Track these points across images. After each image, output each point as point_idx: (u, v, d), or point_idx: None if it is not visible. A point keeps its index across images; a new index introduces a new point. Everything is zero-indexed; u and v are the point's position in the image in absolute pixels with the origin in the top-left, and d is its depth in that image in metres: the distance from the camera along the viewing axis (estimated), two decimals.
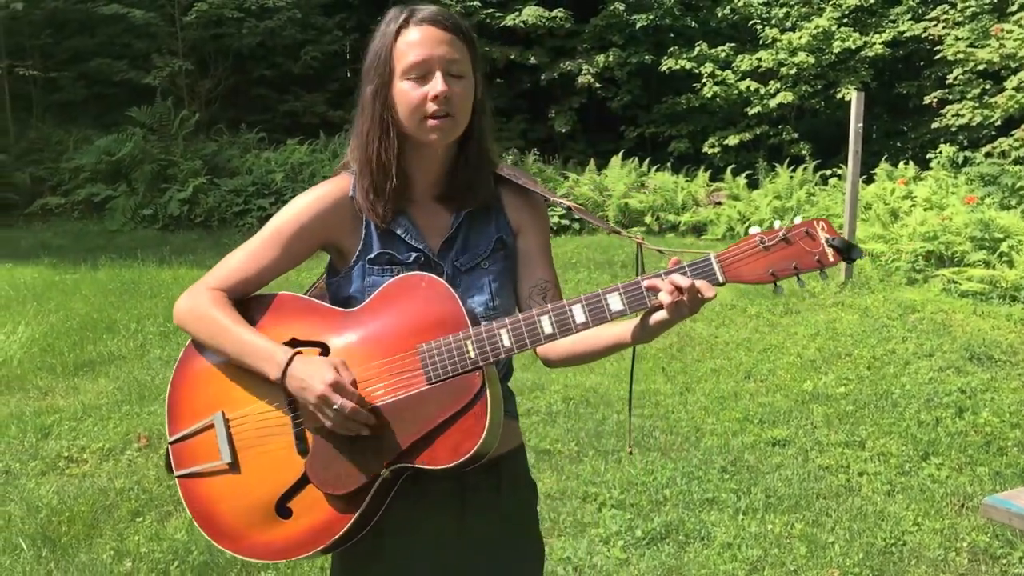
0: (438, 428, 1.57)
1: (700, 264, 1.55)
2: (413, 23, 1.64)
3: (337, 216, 1.71)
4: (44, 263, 10.06)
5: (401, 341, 1.61)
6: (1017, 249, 8.09)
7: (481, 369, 1.58)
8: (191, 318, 1.69)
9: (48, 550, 3.71)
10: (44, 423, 5.11)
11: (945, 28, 13.36)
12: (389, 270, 1.69)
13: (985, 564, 3.62)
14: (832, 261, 1.53)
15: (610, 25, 15.63)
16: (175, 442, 1.72)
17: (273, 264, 1.71)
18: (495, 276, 1.75)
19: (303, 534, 1.62)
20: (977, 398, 5.37)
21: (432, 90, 1.61)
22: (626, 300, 1.57)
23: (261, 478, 1.65)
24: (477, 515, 1.77)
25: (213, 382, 1.70)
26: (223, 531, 1.67)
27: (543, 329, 1.58)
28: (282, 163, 13.25)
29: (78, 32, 15.91)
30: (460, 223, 1.74)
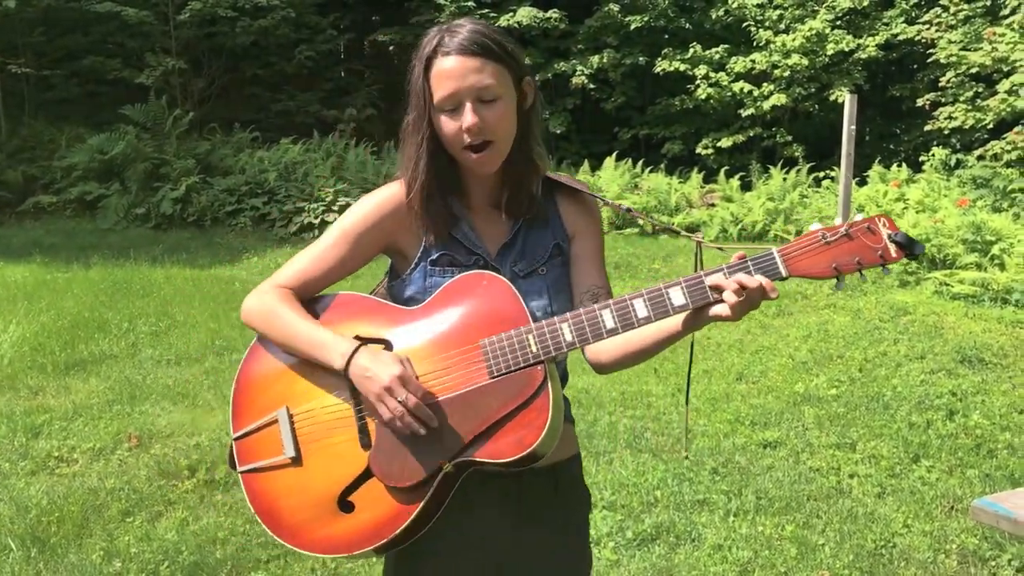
0: (500, 421, 1.58)
1: (763, 259, 1.57)
2: (442, 52, 1.64)
3: (400, 219, 1.74)
4: (36, 262, 10.03)
5: (463, 336, 1.63)
6: (1009, 252, 8.12)
7: (543, 363, 1.59)
8: (258, 315, 1.73)
9: (37, 550, 3.70)
10: (34, 423, 5.09)
11: (938, 31, 13.40)
12: (450, 271, 1.72)
13: (974, 566, 3.63)
14: (895, 257, 1.55)
15: (604, 26, 15.63)
16: (239, 438, 1.74)
17: (338, 266, 1.76)
18: (552, 281, 1.78)
19: (365, 528, 1.63)
20: (968, 401, 5.38)
21: (463, 123, 1.63)
22: (688, 294, 1.58)
23: (324, 472, 1.66)
24: (533, 516, 1.79)
25: (278, 379, 1.73)
26: (285, 526, 1.68)
27: (605, 323, 1.59)
28: (275, 162, 13.22)
29: (71, 30, 15.85)
30: (518, 229, 1.78)
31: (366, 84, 18.17)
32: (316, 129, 15.32)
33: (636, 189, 12.96)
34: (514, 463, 1.58)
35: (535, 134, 1.76)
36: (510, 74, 1.68)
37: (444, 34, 1.65)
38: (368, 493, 1.63)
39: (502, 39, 1.68)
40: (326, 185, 12.24)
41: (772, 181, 12.66)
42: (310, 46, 16.76)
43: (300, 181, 12.64)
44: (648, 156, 15.03)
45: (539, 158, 1.78)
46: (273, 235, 11.79)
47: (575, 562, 1.88)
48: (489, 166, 1.69)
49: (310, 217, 11.79)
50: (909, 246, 1.53)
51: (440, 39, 1.65)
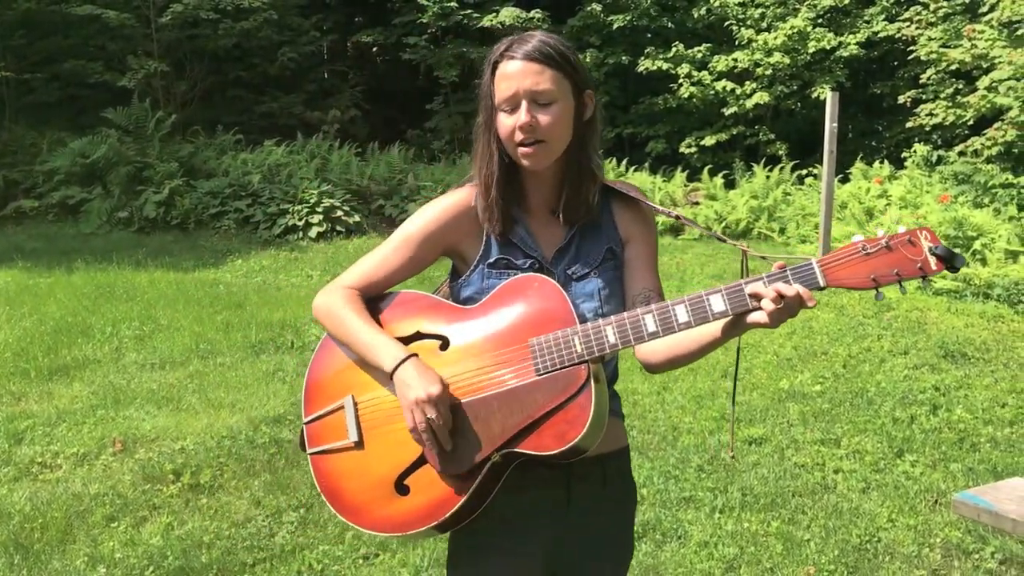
0: (545, 416, 1.67)
1: (802, 268, 1.61)
2: (507, 57, 1.77)
3: (461, 225, 1.87)
4: (17, 266, 9.95)
5: (514, 335, 1.74)
6: (990, 247, 8.18)
7: (587, 363, 1.67)
8: (325, 314, 1.86)
9: (21, 557, 3.68)
10: (17, 428, 5.05)
11: (918, 29, 13.48)
12: (506, 274, 1.82)
13: (958, 560, 3.66)
14: (935, 269, 1.57)
15: (587, 26, 15.66)
16: (309, 422, 1.88)
17: (401, 268, 1.88)
18: (604, 284, 1.86)
19: (419, 510, 1.74)
20: (951, 395, 5.42)
21: (518, 121, 1.75)
22: (728, 301, 1.63)
23: (383, 457, 1.79)
24: (581, 504, 1.88)
25: (346, 370, 1.86)
26: (347, 506, 1.81)
27: (647, 327, 1.67)
28: (259, 164, 13.17)
29: (51, 33, 15.74)
30: (573, 235, 1.87)
31: (349, 85, 18.15)
32: (300, 131, 15.28)
33: None
34: (557, 456, 1.66)
35: (593, 144, 1.86)
36: (570, 84, 1.79)
37: (514, 42, 1.78)
38: (422, 478, 1.74)
39: (567, 51, 1.79)
40: (310, 187, 12.20)
41: (755, 179, 12.71)
42: (293, 48, 16.71)
43: (284, 183, 12.60)
44: (632, 155, 15.07)
45: (597, 168, 1.87)
46: (257, 237, 11.74)
47: (620, 553, 1.97)
48: (537, 163, 1.79)
49: (294, 219, 11.75)
50: (950, 259, 1.55)
51: (509, 45, 1.78)
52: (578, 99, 1.81)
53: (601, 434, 1.69)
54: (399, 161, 13.99)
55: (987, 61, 11.88)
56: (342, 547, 3.78)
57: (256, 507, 4.13)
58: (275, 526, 3.97)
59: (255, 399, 5.54)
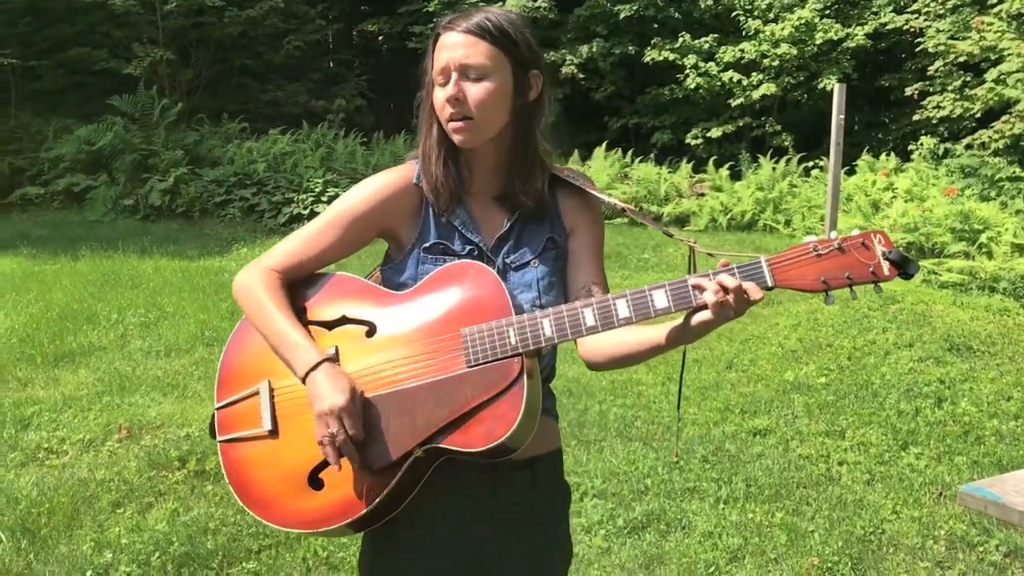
0: (473, 411, 1.58)
1: (750, 267, 1.55)
2: (443, 30, 1.70)
3: (398, 204, 1.75)
4: (23, 253, 9.97)
5: (446, 324, 1.64)
6: (996, 240, 8.16)
7: (520, 356, 1.58)
8: (244, 296, 1.74)
9: (28, 541, 3.69)
10: (24, 414, 5.07)
11: (926, 20, 13.43)
12: (442, 260, 1.72)
13: (962, 552, 3.66)
14: (888, 275, 1.51)
15: (593, 16, 15.62)
16: (221, 408, 1.76)
17: (331, 248, 1.75)
18: (544, 275, 1.76)
19: (333, 506, 1.64)
20: (956, 388, 5.42)
21: (445, 93, 1.67)
22: (671, 297, 1.56)
23: (298, 448, 1.67)
24: (509, 510, 1.78)
25: (263, 353, 1.74)
26: (256, 498, 1.70)
27: (585, 321, 1.58)
28: (264, 153, 13.17)
29: (57, 20, 15.72)
30: (514, 222, 1.77)
31: (355, 74, 18.12)
32: (305, 120, 15.26)
33: (626, 179, 12.97)
34: (483, 454, 1.57)
35: (535, 128, 1.75)
36: (509, 60, 1.69)
37: (459, 15, 1.70)
38: (338, 472, 1.63)
39: (512, 28, 1.69)
40: (315, 176, 12.20)
41: (761, 171, 12.69)
42: (298, 36, 16.69)
43: (289, 172, 12.60)
44: (638, 146, 15.04)
45: (544, 153, 1.77)
46: (262, 226, 11.75)
47: (549, 556, 1.87)
48: (465, 140, 1.70)
49: (299, 208, 11.76)
50: (904, 265, 1.50)
51: (453, 18, 1.70)
52: (520, 78, 1.71)
53: (531, 434, 1.60)
54: (404, 150, 13.97)
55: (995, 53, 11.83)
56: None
57: None
58: None
59: None
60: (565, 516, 1.92)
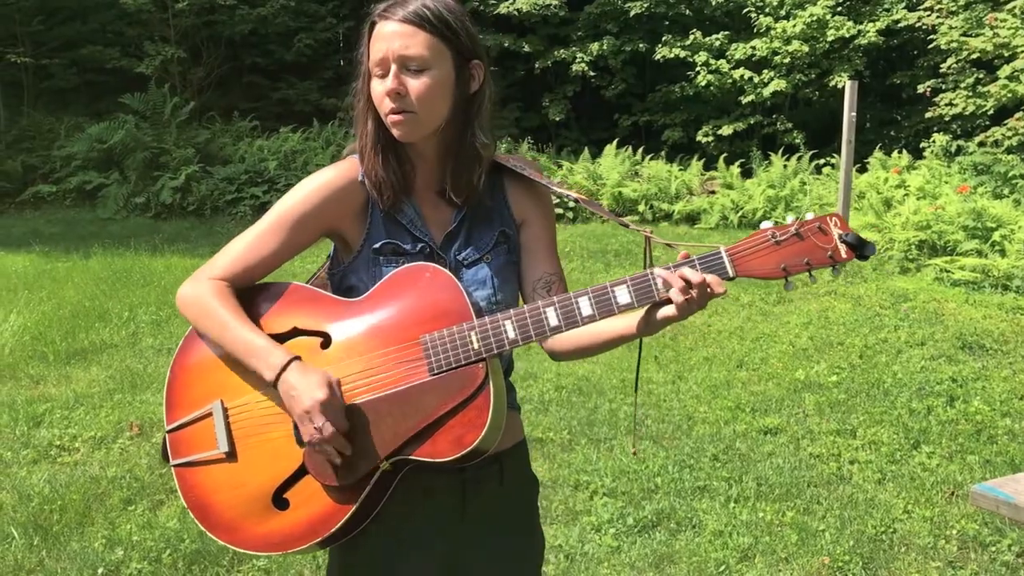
0: (440, 420, 1.54)
1: (710, 258, 1.54)
2: (379, 18, 1.61)
3: (342, 203, 1.68)
4: (36, 251, 10.03)
5: (404, 331, 1.58)
6: (1009, 238, 8.11)
7: (485, 361, 1.55)
8: (192, 307, 1.65)
9: (40, 538, 3.71)
10: (36, 412, 5.10)
11: (939, 17, 13.34)
12: (394, 260, 1.66)
13: (974, 552, 3.64)
14: (845, 257, 1.52)
15: (604, 13, 15.58)
16: (172, 431, 1.68)
17: (277, 252, 1.68)
18: (497, 270, 1.72)
19: (300, 526, 1.59)
20: (968, 387, 5.39)
21: (385, 86, 1.60)
22: (634, 293, 1.55)
23: (258, 468, 1.61)
24: (478, 509, 1.74)
25: (213, 370, 1.67)
26: (218, 522, 1.64)
27: (549, 321, 1.56)
28: (275, 151, 13.22)
29: (69, 19, 15.81)
30: (462, 218, 1.72)
31: None
32: (315, 117, 15.30)
33: (636, 177, 12.95)
34: (453, 462, 1.55)
35: (480, 121, 1.69)
36: (450, 51, 1.62)
37: (396, 1, 1.61)
38: (304, 490, 1.59)
39: (451, 17, 1.62)
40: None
41: (772, 168, 12.64)
42: (309, 34, 16.72)
43: (300, 170, 12.63)
44: (648, 143, 15.01)
45: (483, 147, 1.70)
46: None
47: (522, 550, 1.85)
48: (406, 134, 1.63)
49: None
50: (860, 247, 1.51)
51: (388, 6, 1.61)
52: (461, 69, 1.64)
53: (500, 434, 1.57)
54: None
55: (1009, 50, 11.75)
56: None
57: None
58: None
59: None
60: (535, 507, 1.89)
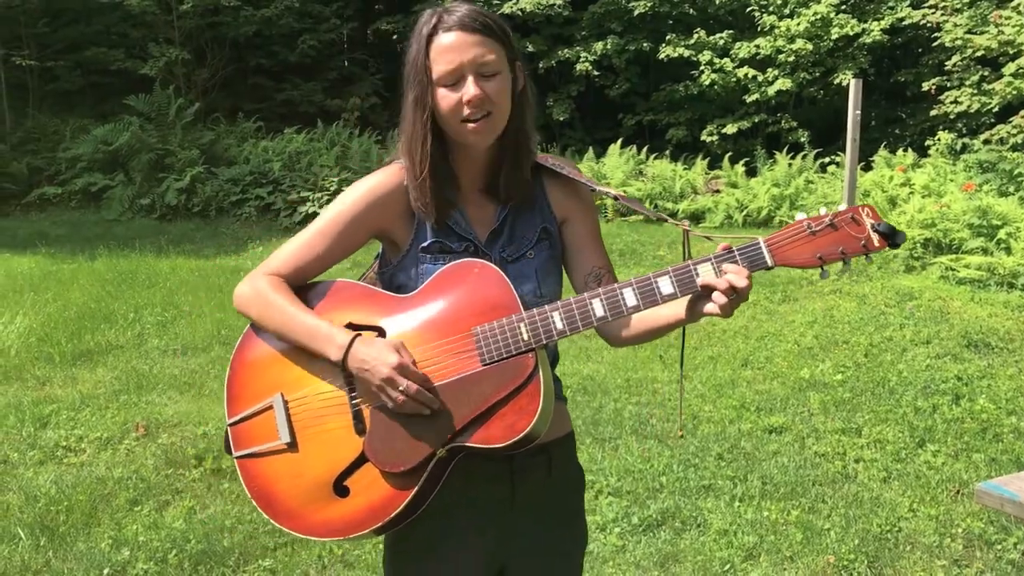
0: (492, 408, 1.61)
1: (749, 248, 1.60)
2: (443, 29, 1.66)
3: (390, 206, 1.76)
4: (41, 253, 10.05)
5: (456, 324, 1.65)
6: (1015, 236, 8.09)
7: (534, 351, 1.62)
8: (252, 302, 1.74)
9: (46, 539, 3.72)
10: (42, 413, 5.11)
11: (943, 15, 13.31)
12: (441, 259, 1.73)
13: (980, 550, 3.63)
14: (878, 246, 1.58)
15: (608, 12, 15.57)
16: (234, 424, 1.76)
17: (328, 253, 1.76)
18: (540, 265, 1.79)
19: (360, 512, 1.65)
20: (974, 385, 5.38)
21: (465, 95, 1.64)
22: (676, 283, 1.62)
23: (319, 457, 1.68)
24: (526, 498, 1.81)
25: (272, 364, 1.75)
26: (282, 510, 1.71)
27: (595, 312, 1.63)
28: (280, 152, 13.22)
29: (74, 21, 15.85)
30: (505, 215, 1.79)
31: (370, 73, 18.15)
32: (320, 118, 15.31)
33: (640, 176, 12.94)
34: (506, 448, 1.61)
35: (527, 117, 1.78)
36: (506, 54, 1.70)
37: (442, 13, 1.67)
38: (363, 478, 1.66)
39: (499, 19, 1.70)
40: (330, 175, 12.23)
41: (777, 167, 12.61)
42: (313, 35, 16.74)
43: (304, 171, 12.64)
44: (652, 143, 14.99)
45: (534, 143, 1.80)
46: (278, 225, 11.80)
47: (571, 540, 1.92)
48: (484, 138, 1.70)
49: (315, 207, 11.78)
50: (891, 236, 1.57)
51: (439, 18, 1.67)
52: (513, 70, 1.73)
53: (548, 422, 1.65)
54: None
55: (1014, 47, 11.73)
56: None
57: None
58: None
59: None
60: (581, 497, 1.97)
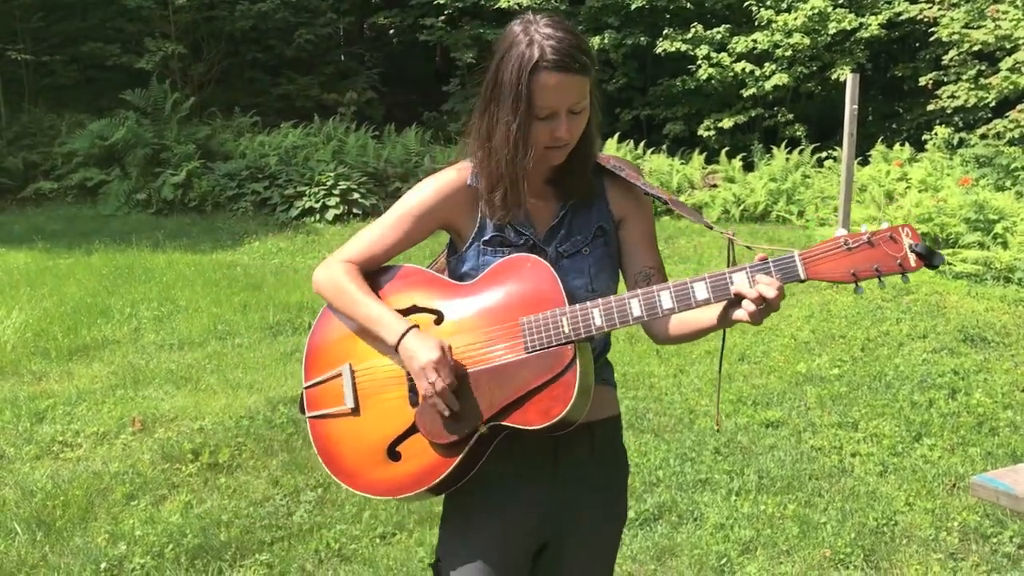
0: (531, 393, 1.74)
1: (784, 261, 1.65)
2: (546, 67, 1.73)
3: (456, 202, 1.91)
4: (37, 248, 10.03)
5: (506, 313, 1.80)
6: (1011, 230, 8.10)
7: (573, 343, 1.74)
8: (328, 287, 1.92)
9: (43, 534, 3.72)
10: (38, 407, 5.11)
11: (940, 10, 13.30)
12: (501, 251, 1.87)
13: (975, 543, 3.64)
14: (914, 267, 1.60)
15: (605, 7, 15.54)
16: (309, 387, 1.95)
17: (398, 243, 1.93)
18: (594, 262, 1.90)
19: (410, 476, 1.83)
20: (970, 379, 5.39)
21: (557, 130, 1.77)
22: (711, 289, 1.70)
23: (377, 424, 1.87)
24: (569, 472, 1.93)
25: (344, 339, 1.93)
26: (343, 468, 1.90)
27: (632, 311, 1.73)
28: (276, 147, 13.20)
29: (69, 15, 15.80)
30: (565, 213, 1.91)
31: (366, 67, 18.11)
32: (316, 113, 15.28)
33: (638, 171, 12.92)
34: (542, 431, 1.74)
35: (595, 127, 1.88)
36: (591, 84, 1.80)
37: (544, 45, 1.73)
38: (413, 445, 1.82)
39: (589, 48, 1.80)
40: (327, 169, 12.22)
41: (775, 161, 12.61)
42: (309, 30, 16.70)
43: (301, 165, 12.62)
44: (650, 137, 14.97)
45: (596, 147, 1.92)
46: (274, 219, 11.78)
47: (611, 519, 2.02)
48: (560, 160, 1.84)
49: (311, 201, 11.78)
50: (929, 257, 1.59)
51: (543, 51, 1.73)
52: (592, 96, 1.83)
53: (586, 409, 1.76)
54: (415, 143, 13.98)
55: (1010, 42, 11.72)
56: (359, 526, 3.80)
57: (274, 486, 4.16)
58: (293, 505, 4.00)
59: (273, 380, 5.57)
60: (623, 483, 2.07)
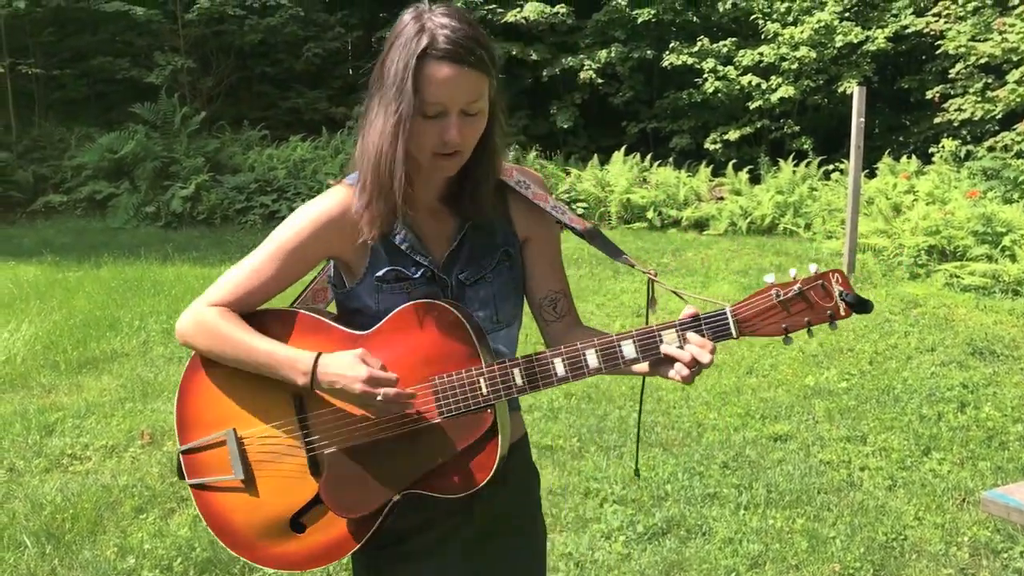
0: (450, 461, 1.61)
1: (715, 319, 1.57)
2: (434, 56, 1.52)
3: (340, 232, 1.67)
4: (47, 261, 10.08)
5: (414, 372, 1.61)
6: (1019, 243, 8.09)
7: (493, 406, 1.60)
8: (199, 335, 1.67)
9: (52, 547, 3.73)
10: (48, 420, 5.12)
11: (947, 22, 13.32)
12: (397, 287, 1.67)
13: (986, 559, 3.62)
14: (844, 315, 1.56)
15: (612, 20, 15.60)
16: (186, 452, 1.73)
17: (275, 279, 1.68)
18: (499, 289, 1.73)
19: (318, 548, 1.68)
20: (979, 393, 5.37)
21: (446, 134, 1.56)
22: (639, 349, 1.60)
23: (275, 495, 1.68)
24: (485, 510, 1.78)
25: (222, 397, 1.71)
26: (238, 541, 1.72)
27: (556, 371, 1.61)
28: (284, 160, 13.27)
29: (80, 30, 15.92)
30: (464, 235, 1.72)
31: None
32: (325, 126, 15.36)
33: (644, 183, 12.95)
34: (463, 497, 1.62)
35: (496, 134, 1.67)
36: (488, 84, 1.59)
37: (434, 32, 1.53)
38: (319, 515, 1.67)
39: (488, 43, 1.59)
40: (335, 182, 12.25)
41: (781, 174, 12.62)
42: (318, 44, 16.79)
43: (309, 178, 12.69)
44: (656, 150, 15.00)
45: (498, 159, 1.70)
46: None
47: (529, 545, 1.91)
48: (451, 170, 1.64)
49: None
50: (860, 305, 1.56)
51: (432, 38, 1.52)
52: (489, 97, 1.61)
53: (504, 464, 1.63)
54: None
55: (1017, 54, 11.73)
56: None
57: None
58: None
59: None
60: (537, 501, 1.97)
